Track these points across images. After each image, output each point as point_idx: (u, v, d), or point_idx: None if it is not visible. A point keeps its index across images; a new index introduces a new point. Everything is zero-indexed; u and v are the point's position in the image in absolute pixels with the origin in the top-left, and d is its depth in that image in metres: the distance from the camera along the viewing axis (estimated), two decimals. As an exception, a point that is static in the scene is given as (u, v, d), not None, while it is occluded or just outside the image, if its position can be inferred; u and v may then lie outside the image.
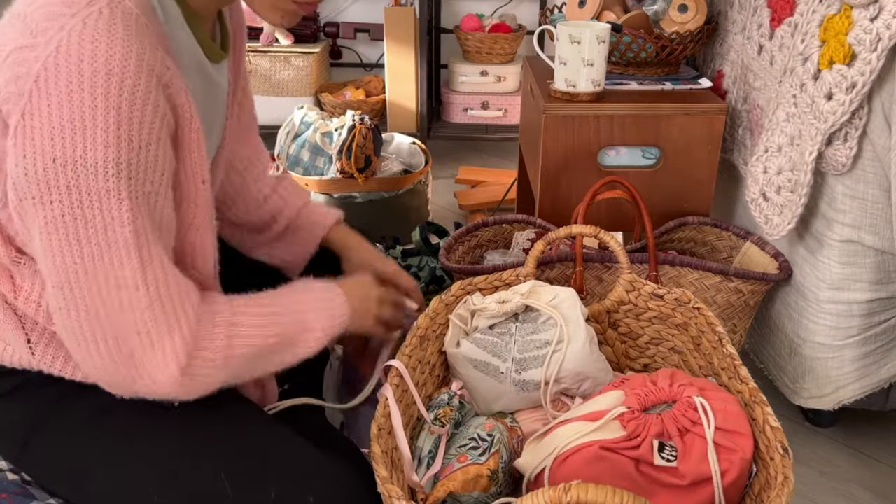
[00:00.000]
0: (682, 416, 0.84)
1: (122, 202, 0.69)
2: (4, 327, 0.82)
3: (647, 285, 1.09)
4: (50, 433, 0.83)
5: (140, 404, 0.83)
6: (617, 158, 1.50)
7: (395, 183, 2.00)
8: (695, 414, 0.84)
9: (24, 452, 0.85)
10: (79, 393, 0.84)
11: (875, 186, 1.14)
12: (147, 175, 0.71)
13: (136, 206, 0.71)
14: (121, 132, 0.68)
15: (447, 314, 1.07)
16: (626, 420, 0.85)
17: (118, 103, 0.67)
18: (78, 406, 0.84)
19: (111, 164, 0.68)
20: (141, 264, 0.72)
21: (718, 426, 0.83)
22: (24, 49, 0.68)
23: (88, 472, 0.82)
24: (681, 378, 0.90)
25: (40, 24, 0.68)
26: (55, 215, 0.69)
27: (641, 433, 0.84)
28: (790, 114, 1.24)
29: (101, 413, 0.83)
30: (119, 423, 0.82)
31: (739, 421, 0.85)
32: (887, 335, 1.25)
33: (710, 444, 0.82)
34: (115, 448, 0.81)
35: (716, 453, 0.82)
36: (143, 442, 0.81)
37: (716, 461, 0.81)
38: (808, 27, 1.20)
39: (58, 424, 0.83)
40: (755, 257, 1.42)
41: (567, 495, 0.65)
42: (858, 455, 1.37)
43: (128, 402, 0.83)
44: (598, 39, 1.39)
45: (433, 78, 2.77)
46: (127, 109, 0.68)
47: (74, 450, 0.82)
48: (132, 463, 0.80)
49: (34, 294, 0.81)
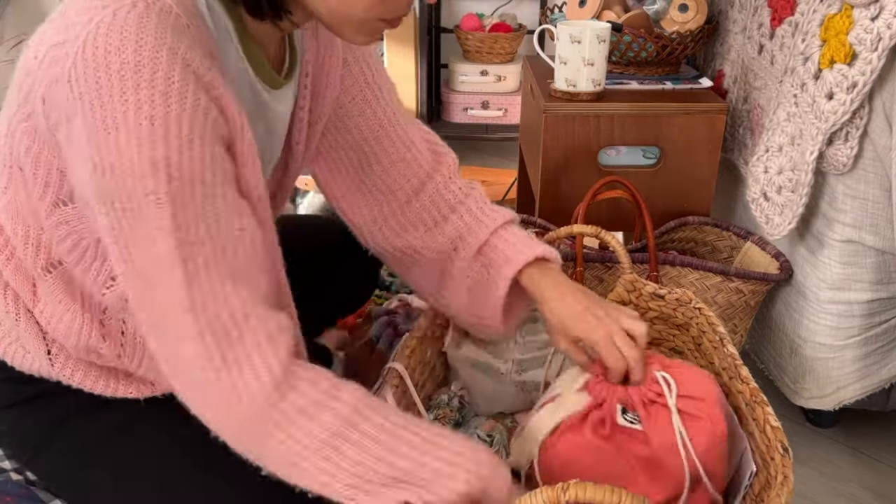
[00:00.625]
0: (646, 390, 0.85)
1: (163, 207, 0.62)
2: (27, 336, 0.81)
3: (647, 285, 1.09)
4: (62, 444, 0.83)
5: (155, 424, 0.82)
6: (617, 158, 1.49)
7: (395, 183, 2.00)
8: (658, 387, 0.84)
9: (34, 458, 0.85)
10: (96, 407, 0.83)
11: (876, 186, 1.14)
12: (195, 174, 0.63)
13: (180, 212, 0.62)
14: (155, 128, 0.61)
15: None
16: (591, 387, 0.86)
17: (150, 96, 0.60)
18: (93, 421, 0.83)
19: (146, 163, 0.61)
20: (186, 282, 0.63)
21: (682, 394, 0.84)
22: (57, 46, 0.64)
23: (97, 488, 0.81)
24: (651, 358, 0.89)
25: (73, 18, 0.63)
26: (110, 225, 0.64)
27: (606, 397, 0.85)
28: (791, 113, 1.24)
29: (116, 431, 0.82)
30: (132, 443, 0.82)
31: (705, 389, 0.85)
32: (888, 335, 1.25)
33: (672, 410, 0.82)
34: (125, 467, 0.81)
35: (681, 420, 0.82)
36: (155, 462, 0.80)
37: (680, 424, 0.82)
38: (809, 27, 1.20)
39: (71, 437, 0.83)
40: (756, 257, 1.42)
41: (565, 494, 0.65)
42: (859, 455, 1.37)
43: (143, 422, 0.82)
44: (599, 39, 1.38)
45: (433, 78, 2.76)
46: (161, 103, 0.61)
47: (85, 464, 0.82)
48: (142, 485, 0.80)
49: (47, 312, 0.79)
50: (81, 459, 0.82)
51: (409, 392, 0.94)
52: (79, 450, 0.82)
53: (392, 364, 0.94)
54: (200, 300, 0.64)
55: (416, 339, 0.99)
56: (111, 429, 0.81)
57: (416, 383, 0.97)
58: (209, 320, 0.64)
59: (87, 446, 0.82)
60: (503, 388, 1.02)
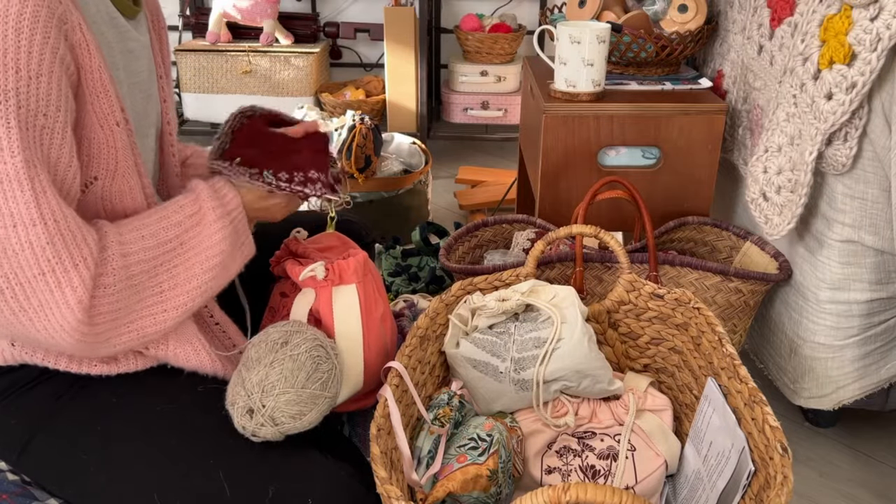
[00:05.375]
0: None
1: (11, 130, 0.68)
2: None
3: (647, 285, 1.09)
4: (48, 436, 0.83)
5: (138, 404, 0.83)
6: (617, 158, 1.50)
7: (394, 183, 2.00)
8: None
9: (22, 455, 0.85)
10: (73, 392, 0.84)
11: (875, 186, 1.14)
12: (39, 107, 0.70)
13: (26, 136, 0.69)
14: (7, 60, 0.67)
15: (447, 314, 1.07)
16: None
17: (3, 31, 0.67)
18: (74, 407, 0.84)
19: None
20: (35, 197, 0.69)
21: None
22: None
23: (88, 474, 0.82)
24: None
25: None
26: None
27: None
28: (790, 114, 1.24)
29: (99, 414, 0.83)
30: (117, 424, 0.83)
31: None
32: (887, 335, 1.25)
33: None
34: (113, 449, 0.82)
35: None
36: (142, 442, 0.81)
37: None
38: (808, 27, 1.20)
39: (55, 427, 0.83)
40: (755, 257, 1.42)
41: (566, 494, 0.65)
42: (858, 455, 1.37)
43: (125, 403, 0.84)
44: (599, 39, 1.39)
45: (433, 78, 2.77)
46: (13, 38, 0.67)
47: (73, 452, 0.82)
48: (131, 463, 0.80)
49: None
50: (69, 447, 0.83)
51: (409, 391, 0.94)
52: (65, 438, 0.83)
53: (392, 363, 0.95)
54: (49, 212, 0.70)
55: (417, 339, 1.00)
56: (93, 411, 0.83)
57: (416, 383, 0.98)
58: (59, 230, 0.71)
59: (74, 433, 0.83)
60: (503, 387, 1.02)
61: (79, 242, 0.72)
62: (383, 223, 1.98)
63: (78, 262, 0.71)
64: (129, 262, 0.76)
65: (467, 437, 0.93)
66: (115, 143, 0.79)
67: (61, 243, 0.71)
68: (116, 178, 0.80)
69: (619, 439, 1.01)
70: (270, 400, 0.81)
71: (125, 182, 0.81)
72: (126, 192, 0.82)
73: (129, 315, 0.78)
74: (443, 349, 1.06)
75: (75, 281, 0.71)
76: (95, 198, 0.80)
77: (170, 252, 0.81)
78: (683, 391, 1.08)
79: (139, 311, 0.79)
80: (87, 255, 0.72)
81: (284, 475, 0.80)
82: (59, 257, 0.70)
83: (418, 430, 0.95)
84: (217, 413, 0.83)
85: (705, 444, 0.95)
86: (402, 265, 1.74)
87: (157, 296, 0.80)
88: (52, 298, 0.71)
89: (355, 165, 1.94)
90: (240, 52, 2.55)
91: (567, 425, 1.02)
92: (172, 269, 0.81)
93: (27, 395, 0.84)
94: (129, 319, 0.78)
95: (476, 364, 1.02)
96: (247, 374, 0.82)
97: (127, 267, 0.76)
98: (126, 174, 0.81)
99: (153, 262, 0.79)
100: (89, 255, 0.72)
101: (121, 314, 0.77)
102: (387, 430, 0.87)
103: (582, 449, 1.01)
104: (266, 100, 2.56)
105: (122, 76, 0.85)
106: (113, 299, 0.75)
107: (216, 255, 0.84)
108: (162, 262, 0.80)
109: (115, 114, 0.79)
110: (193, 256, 0.82)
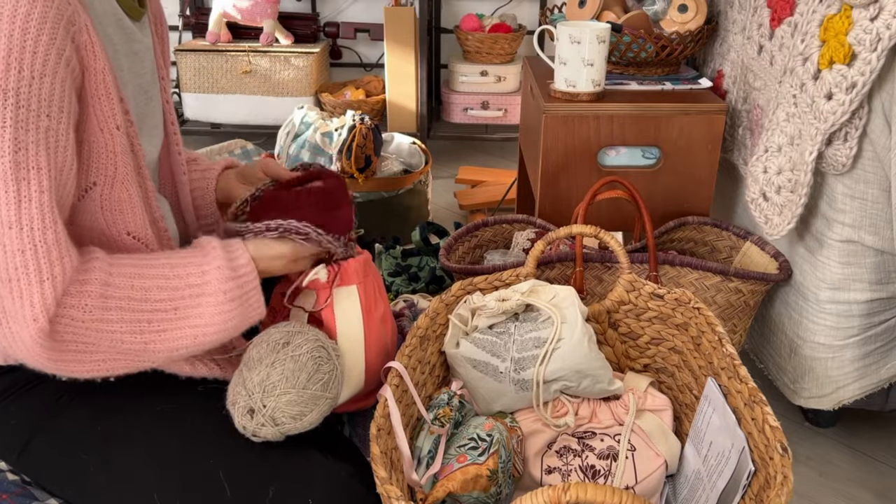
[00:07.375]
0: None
1: (6, 130, 0.67)
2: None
3: (647, 285, 1.09)
4: (48, 436, 0.84)
5: (138, 404, 0.83)
6: (617, 158, 1.50)
7: (394, 183, 2.00)
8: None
9: (22, 455, 0.85)
10: (73, 392, 0.84)
11: (875, 186, 1.14)
12: (42, 108, 0.69)
13: (21, 138, 0.68)
14: (11, 59, 0.67)
15: (447, 314, 1.07)
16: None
17: (10, 30, 0.66)
18: (74, 407, 0.84)
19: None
20: (17, 200, 0.67)
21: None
22: None
23: (88, 474, 0.82)
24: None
25: None
26: None
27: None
28: (790, 114, 1.24)
29: (99, 414, 0.83)
30: (117, 425, 0.83)
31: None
32: (887, 335, 1.25)
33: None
34: (113, 449, 0.82)
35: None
36: (142, 442, 0.81)
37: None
38: (808, 27, 1.20)
39: (55, 427, 0.83)
40: (755, 257, 1.42)
41: (566, 494, 0.65)
42: (858, 455, 1.37)
43: (125, 403, 0.84)
44: (599, 39, 1.39)
45: (433, 78, 2.77)
46: (19, 37, 0.67)
47: (73, 452, 0.83)
48: (131, 463, 0.81)
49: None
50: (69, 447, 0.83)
51: (410, 391, 0.94)
52: (66, 438, 0.83)
53: (392, 363, 0.95)
54: (28, 220, 0.68)
55: (417, 339, 1.00)
56: (94, 411, 0.83)
57: (416, 383, 0.98)
58: (33, 240, 0.68)
59: (74, 433, 0.83)
60: (503, 387, 1.02)
61: (52, 259, 0.69)
62: (383, 223, 1.98)
63: (45, 279, 0.68)
64: (108, 306, 0.72)
65: (467, 437, 0.93)
66: (114, 148, 0.78)
67: (32, 254, 0.68)
68: (115, 185, 0.79)
69: (619, 439, 1.01)
70: (271, 400, 0.81)
71: (125, 190, 0.80)
72: (126, 202, 0.80)
73: (98, 354, 0.74)
74: (443, 349, 1.06)
75: (35, 297, 0.68)
76: (95, 205, 0.79)
77: (159, 313, 0.75)
78: (683, 391, 1.08)
79: (112, 355, 0.75)
80: (58, 275, 0.69)
81: (285, 475, 0.80)
82: (26, 268, 0.68)
83: (418, 430, 0.95)
84: (217, 413, 0.83)
85: (705, 444, 0.95)
86: (402, 265, 1.74)
87: (137, 350, 0.76)
88: (12, 307, 0.68)
89: (355, 165, 1.94)
90: (240, 52, 2.55)
91: (567, 425, 1.02)
92: (161, 333, 0.76)
93: (27, 395, 0.84)
94: (100, 359, 0.74)
95: (476, 364, 1.02)
96: (248, 374, 0.82)
97: (105, 309, 0.72)
98: (126, 181, 0.80)
99: (136, 318, 0.74)
100: (60, 276, 0.69)
101: (89, 350, 0.73)
102: (387, 430, 0.87)
103: (582, 449, 1.01)
104: (266, 100, 2.56)
105: (127, 77, 0.85)
106: (80, 334, 0.72)
107: (214, 333, 0.79)
108: (150, 320, 0.75)
109: (115, 117, 0.78)
110: (186, 327, 0.77)
